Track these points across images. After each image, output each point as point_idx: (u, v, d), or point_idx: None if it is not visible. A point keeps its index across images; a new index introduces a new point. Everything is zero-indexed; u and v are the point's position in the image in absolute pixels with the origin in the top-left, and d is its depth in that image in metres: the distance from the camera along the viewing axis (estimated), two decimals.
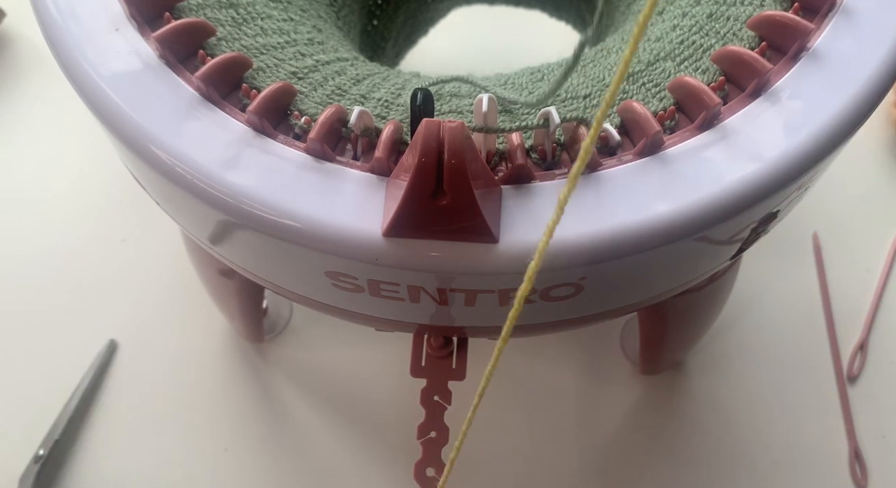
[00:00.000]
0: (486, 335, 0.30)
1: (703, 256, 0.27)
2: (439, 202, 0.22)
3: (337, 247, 0.23)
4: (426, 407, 0.30)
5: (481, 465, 0.43)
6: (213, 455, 0.44)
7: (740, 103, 0.26)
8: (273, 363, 0.47)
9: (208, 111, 0.26)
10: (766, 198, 0.24)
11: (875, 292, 0.49)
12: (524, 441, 0.44)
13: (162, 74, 0.26)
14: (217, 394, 0.46)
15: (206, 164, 0.24)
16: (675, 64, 0.27)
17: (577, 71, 0.29)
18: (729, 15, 0.28)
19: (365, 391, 0.46)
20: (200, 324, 0.48)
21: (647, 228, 0.23)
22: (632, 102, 0.25)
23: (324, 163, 0.25)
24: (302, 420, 0.45)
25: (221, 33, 0.28)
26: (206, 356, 0.47)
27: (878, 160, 0.55)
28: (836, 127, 0.24)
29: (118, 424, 0.45)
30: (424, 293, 0.25)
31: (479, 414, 0.23)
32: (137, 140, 0.25)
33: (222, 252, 0.29)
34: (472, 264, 0.23)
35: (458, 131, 0.21)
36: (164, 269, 0.50)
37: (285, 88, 0.26)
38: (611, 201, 0.24)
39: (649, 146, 0.25)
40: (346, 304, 0.28)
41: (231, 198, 0.24)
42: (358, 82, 0.29)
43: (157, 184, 0.26)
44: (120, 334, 0.48)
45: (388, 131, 0.25)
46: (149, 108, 0.25)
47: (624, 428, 0.44)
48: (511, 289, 0.25)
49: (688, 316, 0.40)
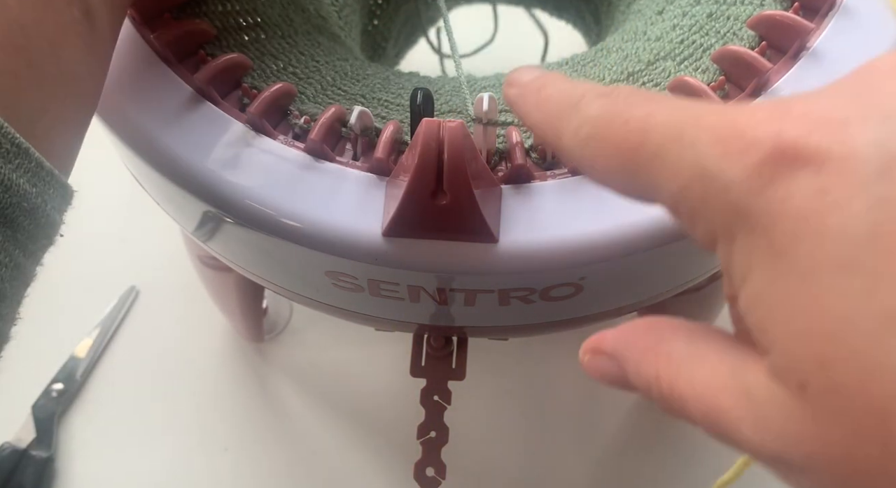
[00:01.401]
0: (486, 335, 0.30)
1: (702, 256, 0.27)
2: (439, 202, 0.22)
3: (337, 246, 0.23)
4: (426, 407, 0.30)
5: (481, 465, 0.43)
6: (213, 455, 0.44)
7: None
8: (273, 363, 0.47)
9: (208, 111, 0.26)
10: None
11: None
12: (524, 440, 0.44)
13: (162, 73, 0.26)
14: (217, 394, 0.46)
15: (205, 164, 0.24)
16: (675, 63, 0.27)
17: (576, 70, 0.29)
18: (729, 14, 0.28)
19: (365, 391, 0.46)
20: (200, 324, 0.48)
21: (649, 228, 0.23)
22: None
23: (324, 163, 0.25)
24: (302, 420, 0.45)
25: (221, 33, 0.28)
26: (205, 356, 0.47)
27: None
28: None
29: (118, 424, 0.45)
30: (424, 293, 0.25)
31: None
32: (137, 139, 0.25)
33: (222, 251, 0.29)
34: (472, 264, 0.23)
35: (458, 131, 0.21)
36: (163, 269, 0.50)
37: (285, 88, 0.26)
38: (611, 201, 0.24)
39: None
40: (346, 304, 0.28)
41: (231, 198, 0.24)
42: (358, 82, 0.29)
43: (157, 184, 0.26)
44: (120, 333, 0.48)
45: (387, 131, 0.25)
46: (149, 107, 0.25)
47: (624, 427, 0.44)
48: (511, 288, 0.25)
49: (688, 316, 0.39)
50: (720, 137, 0.14)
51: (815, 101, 0.14)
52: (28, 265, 0.20)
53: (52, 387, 0.45)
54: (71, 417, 0.45)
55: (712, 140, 0.14)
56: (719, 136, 0.14)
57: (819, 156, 0.13)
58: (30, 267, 0.20)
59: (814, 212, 0.13)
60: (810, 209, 0.13)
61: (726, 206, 0.14)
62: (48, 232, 0.20)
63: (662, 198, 0.15)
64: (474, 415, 0.44)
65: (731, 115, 0.14)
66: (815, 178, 0.13)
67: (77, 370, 0.46)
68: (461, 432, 0.33)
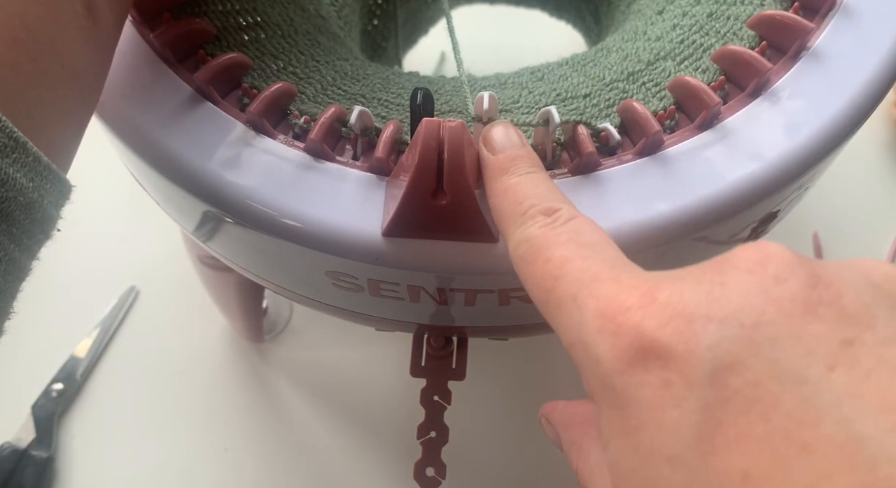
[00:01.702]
0: (486, 335, 0.30)
1: (703, 256, 0.27)
2: (439, 202, 0.22)
3: (336, 246, 0.23)
4: (426, 407, 0.30)
5: (481, 465, 0.43)
6: (212, 455, 0.44)
7: (740, 103, 0.26)
8: (273, 363, 0.47)
9: (208, 111, 0.25)
10: (766, 197, 0.24)
11: None
12: (524, 440, 0.44)
13: (162, 73, 0.26)
14: (217, 394, 0.46)
15: (205, 164, 0.24)
16: (676, 63, 0.27)
17: (577, 70, 0.29)
18: (729, 14, 0.28)
19: (365, 391, 0.46)
20: (200, 324, 0.48)
21: (647, 228, 0.23)
22: (632, 102, 0.25)
23: (323, 163, 0.25)
24: (302, 420, 0.45)
25: (221, 33, 0.28)
26: (205, 356, 0.47)
27: (878, 160, 0.55)
28: (837, 127, 0.24)
29: (118, 424, 0.45)
30: (424, 293, 0.25)
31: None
32: (137, 139, 0.25)
33: (222, 251, 0.29)
34: (472, 264, 0.23)
35: (458, 131, 0.21)
36: (163, 269, 0.50)
37: (285, 88, 0.26)
38: (610, 201, 0.24)
39: (649, 146, 0.25)
40: (346, 304, 0.28)
41: (231, 198, 0.24)
42: (358, 82, 0.29)
43: (157, 184, 0.26)
44: (120, 333, 0.48)
45: (387, 131, 0.25)
46: (149, 107, 0.25)
47: None
48: (511, 288, 0.25)
49: None
50: (601, 311, 0.16)
51: (678, 291, 0.16)
52: (23, 259, 0.20)
53: (52, 387, 0.45)
54: (71, 417, 0.45)
55: (595, 312, 0.16)
56: (600, 310, 0.16)
57: (667, 351, 0.15)
58: (25, 261, 0.20)
59: (658, 403, 0.15)
60: (655, 399, 0.15)
61: (596, 377, 0.16)
62: (45, 227, 0.20)
63: (563, 342, 0.18)
64: (474, 415, 0.44)
65: (615, 290, 0.16)
66: (661, 371, 0.15)
67: (77, 370, 0.46)
68: (461, 432, 0.33)
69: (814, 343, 0.14)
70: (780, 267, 0.15)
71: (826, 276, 0.15)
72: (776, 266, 0.15)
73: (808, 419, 0.13)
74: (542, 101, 0.27)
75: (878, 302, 0.15)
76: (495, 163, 0.22)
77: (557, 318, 0.18)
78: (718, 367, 0.14)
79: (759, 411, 0.14)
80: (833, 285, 0.15)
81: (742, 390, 0.14)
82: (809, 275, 0.15)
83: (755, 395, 0.14)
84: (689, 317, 0.15)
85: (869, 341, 0.14)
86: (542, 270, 0.18)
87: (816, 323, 0.14)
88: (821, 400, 0.13)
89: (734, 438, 0.14)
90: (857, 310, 0.14)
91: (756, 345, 0.14)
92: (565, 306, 0.17)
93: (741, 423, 0.14)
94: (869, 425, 0.13)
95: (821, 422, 0.13)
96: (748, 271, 0.15)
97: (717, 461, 0.14)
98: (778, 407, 0.13)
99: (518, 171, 0.21)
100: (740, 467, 0.13)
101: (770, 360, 0.14)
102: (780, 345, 0.14)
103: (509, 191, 0.21)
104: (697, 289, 0.15)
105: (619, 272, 0.17)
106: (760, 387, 0.14)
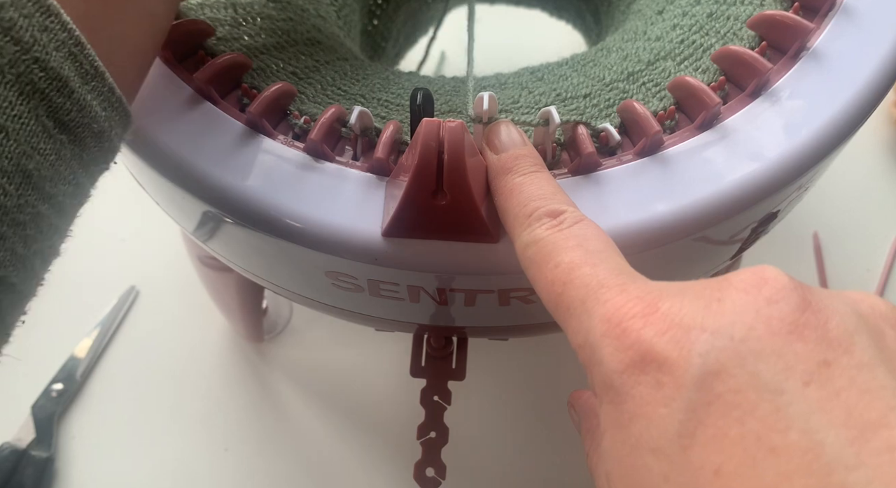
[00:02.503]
0: (486, 335, 0.30)
1: (703, 256, 0.27)
2: (439, 202, 0.22)
3: (336, 247, 0.23)
4: (426, 407, 0.30)
5: (481, 465, 0.43)
6: (212, 455, 0.44)
7: (740, 103, 0.26)
8: (273, 363, 0.47)
9: (208, 111, 0.25)
10: (766, 198, 0.24)
11: (875, 292, 0.49)
12: (524, 440, 0.44)
13: (161, 74, 0.26)
14: (217, 394, 0.46)
15: (205, 164, 0.24)
16: (676, 63, 0.27)
17: (577, 70, 0.29)
18: (729, 14, 0.28)
19: (365, 391, 0.46)
20: (200, 324, 0.48)
21: (647, 228, 0.23)
22: (632, 102, 0.25)
23: (323, 163, 0.25)
24: (302, 420, 0.45)
25: (221, 33, 0.28)
26: (205, 356, 0.47)
27: (878, 160, 0.55)
28: (836, 127, 0.24)
29: (118, 424, 0.45)
30: (424, 293, 0.25)
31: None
32: (137, 139, 0.25)
33: (222, 251, 0.29)
34: (471, 264, 0.23)
35: (458, 131, 0.21)
36: (163, 269, 0.50)
37: (285, 88, 0.26)
38: (610, 201, 0.24)
39: (649, 146, 0.25)
40: (346, 304, 0.28)
41: (230, 198, 0.24)
42: (358, 82, 0.29)
43: (157, 184, 0.26)
44: (120, 333, 0.48)
45: (387, 131, 0.25)
46: (149, 107, 0.25)
47: None
48: (511, 288, 0.25)
49: None
50: (607, 317, 0.17)
51: (678, 303, 0.17)
52: (87, 185, 0.21)
53: (52, 387, 0.45)
54: (71, 417, 0.45)
55: (602, 317, 0.18)
56: (607, 316, 0.17)
57: (663, 356, 0.16)
58: (88, 187, 0.21)
59: (649, 401, 0.16)
60: (648, 397, 0.16)
61: (599, 376, 0.17)
62: (108, 156, 0.21)
63: (571, 343, 0.19)
64: (474, 415, 0.44)
65: (621, 299, 0.18)
66: (656, 373, 0.16)
67: (77, 370, 0.46)
68: (461, 432, 0.33)
69: (794, 360, 0.15)
70: (775, 290, 0.17)
71: (816, 303, 0.16)
72: (771, 289, 0.17)
73: (779, 426, 0.15)
74: (542, 102, 0.27)
75: (859, 330, 0.16)
76: (498, 162, 0.23)
77: (567, 321, 0.19)
78: (706, 373, 0.16)
79: (737, 415, 0.15)
80: (822, 312, 0.16)
81: (724, 395, 0.15)
82: (801, 300, 0.16)
83: (735, 401, 0.15)
84: (686, 327, 0.16)
85: (844, 364, 0.15)
86: (551, 275, 0.19)
87: (800, 342, 0.16)
88: (792, 410, 0.15)
89: (712, 437, 0.15)
90: (839, 336, 0.16)
91: (741, 357, 0.16)
92: (574, 310, 0.18)
93: (720, 424, 0.15)
94: (831, 436, 0.14)
95: (789, 430, 0.15)
96: (745, 291, 0.17)
97: (694, 455, 0.15)
98: (753, 412, 0.15)
99: (521, 170, 0.22)
100: (714, 462, 0.15)
101: (752, 372, 0.15)
102: (763, 358, 0.16)
103: (514, 191, 0.22)
104: (696, 303, 0.17)
105: (625, 280, 0.18)
106: (740, 394, 0.15)
